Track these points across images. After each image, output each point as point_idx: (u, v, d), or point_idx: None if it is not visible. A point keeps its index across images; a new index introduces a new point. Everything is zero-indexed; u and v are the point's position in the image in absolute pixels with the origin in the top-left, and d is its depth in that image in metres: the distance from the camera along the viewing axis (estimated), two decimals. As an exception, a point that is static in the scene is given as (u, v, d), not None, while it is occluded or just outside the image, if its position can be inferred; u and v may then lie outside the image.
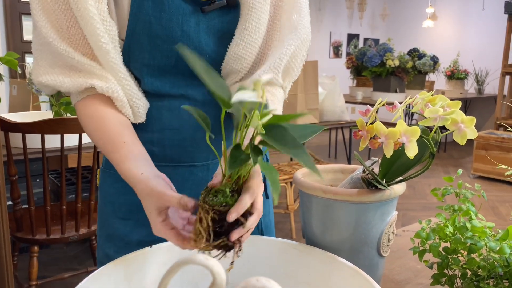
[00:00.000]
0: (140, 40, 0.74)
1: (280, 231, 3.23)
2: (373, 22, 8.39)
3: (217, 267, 0.37)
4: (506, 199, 4.10)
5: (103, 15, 0.71)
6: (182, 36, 0.75)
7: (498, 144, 4.59)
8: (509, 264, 0.62)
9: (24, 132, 1.75)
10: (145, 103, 0.78)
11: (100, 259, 0.88)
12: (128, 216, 0.84)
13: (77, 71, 0.74)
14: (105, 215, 0.87)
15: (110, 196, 0.86)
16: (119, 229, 0.85)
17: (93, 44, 0.72)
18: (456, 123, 0.65)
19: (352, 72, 5.46)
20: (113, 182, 0.85)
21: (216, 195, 0.57)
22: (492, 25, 6.96)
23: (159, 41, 0.74)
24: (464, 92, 5.97)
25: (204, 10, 0.76)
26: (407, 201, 4.02)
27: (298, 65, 0.85)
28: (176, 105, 0.80)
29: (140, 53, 0.75)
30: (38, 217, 2.02)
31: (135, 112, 0.77)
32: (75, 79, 0.74)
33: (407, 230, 1.09)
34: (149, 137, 0.81)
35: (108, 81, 0.73)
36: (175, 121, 0.80)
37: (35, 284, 1.91)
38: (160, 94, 0.79)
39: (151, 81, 0.78)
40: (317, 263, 0.70)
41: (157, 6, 0.73)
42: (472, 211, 0.69)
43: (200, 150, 0.83)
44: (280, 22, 0.83)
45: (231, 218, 0.56)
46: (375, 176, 0.71)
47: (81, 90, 0.75)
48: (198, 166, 0.84)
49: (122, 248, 0.83)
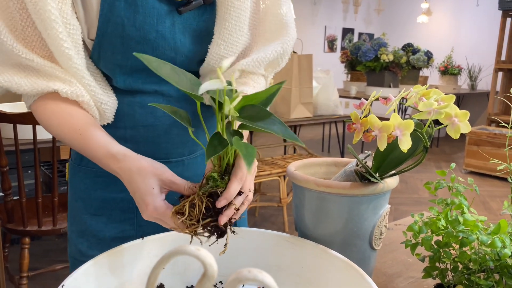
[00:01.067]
0: (112, 41, 0.70)
1: (273, 224, 3.23)
2: (368, 16, 8.39)
3: (208, 258, 0.37)
4: (497, 194, 4.14)
5: (66, 17, 0.66)
6: (157, 37, 0.72)
7: (490, 140, 4.62)
8: (500, 258, 0.62)
9: (15, 123, 1.73)
10: (112, 105, 0.75)
11: (72, 255, 0.86)
12: (100, 212, 0.82)
13: (34, 72, 0.70)
14: (76, 210, 0.84)
15: (81, 191, 0.83)
16: (92, 225, 0.82)
17: (54, 48, 0.67)
18: (449, 117, 0.65)
19: (346, 67, 5.47)
20: (83, 177, 0.82)
21: (208, 182, 0.60)
22: (486, 21, 6.98)
23: (133, 42, 0.71)
24: (457, 87, 6.00)
25: (180, 11, 0.73)
26: (399, 195, 4.04)
27: (285, 61, 0.86)
28: (149, 101, 0.77)
29: (113, 54, 0.72)
30: (29, 209, 2.01)
31: (101, 114, 0.74)
32: (34, 81, 0.69)
33: (399, 224, 1.10)
34: (122, 133, 0.78)
35: (72, 84, 0.69)
36: (149, 118, 0.78)
37: (26, 276, 1.90)
38: (133, 90, 0.77)
39: (123, 78, 0.75)
40: (309, 256, 0.70)
41: (129, 7, 0.69)
42: (464, 205, 0.69)
43: (175, 146, 0.81)
44: (265, 16, 0.81)
45: (221, 205, 0.58)
46: (368, 170, 0.71)
47: (40, 93, 0.70)
48: (173, 162, 0.81)
49: (95, 244, 0.82)
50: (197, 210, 0.57)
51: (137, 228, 0.82)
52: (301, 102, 3.17)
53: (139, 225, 0.82)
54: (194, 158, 0.85)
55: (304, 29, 7.46)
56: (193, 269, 0.73)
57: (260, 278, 0.34)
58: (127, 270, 0.66)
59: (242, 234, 0.74)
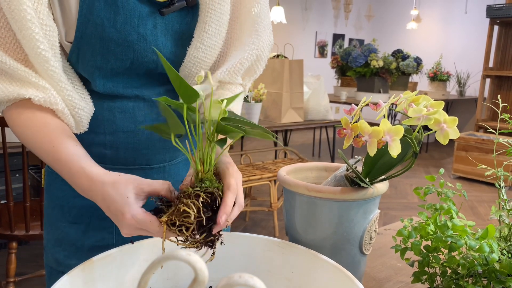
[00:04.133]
0: (92, 43, 0.68)
1: (263, 229, 3.23)
2: (358, 22, 8.45)
3: (199, 264, 0.37)
4: (484, 199, 4.18)
5: (42, 18, 0.63)
6: (138, 39, 0.70)
7: (478, 146, 4.67)
8: (488, 263, 0.63)
9: (3, 126, 1.71)
10: (89, 111, 0.72)
11: (49, 264, 0.83)
12: (79, 220, 0.79)
13: (7, 77, 0.66)
14: (53, 218, 0.81)
15: (59, 199, 0.80)
16: (70, 233, 0.80)
17: (30, 50, 0.64)
18: (439, 123, 0.65)
19: (336, 72, 5.50)
20: (61, 184, 0.79)
21: (204, 182, 0.59)
22: (474, 29, 7.08)
23: (113, 44, 0.68)
24: (446, 93, 6.07)
25: (163, 12, 0.70)
26: (388, 200, 4.06)
27: (261, 67, 0.84)
28: (130, 107, 0.75)
29: (92, 56, 0.69)
30: (17, 213, 1.98)
31: (77, 122, 0.71)
32: (6, 86, 0.66)
33: (389, 229, 1.10)
34: (101, 139, 0.75)
35: (46, 91, 0.66)
36: (129, 124, 0.75)
37: (13, 281, 1.87)
38: (113, 95, 0.74)
39: (102, 82, 0.72)
40: (299, 261, 0.70)
41: (109, 8, 0.67)
42: (453, 210, 0.70)
43: (156, 152, 0.79)
44: (239, 19, 0.80)
45: (222, 220, 0.57)
46: (358, 175, 0.71)
47: (12, 100, 0.67)
48: (154, 169, 0.80)
49: (73, 253, 0.80)
50: (194, 210, 0.55)
51: (116, 237, 0.80)
52: (292, 107, 3.19)
53: (118, 233, 0.80)
54: (176, 164, 0.84)
55: (295, 34, 7.50)
56: (183, 274, 0.72)
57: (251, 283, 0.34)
58: (115, 277, 0.66)
59: (232, 239, 0.74)
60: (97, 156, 0.74)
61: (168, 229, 0.57)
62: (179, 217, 0.56)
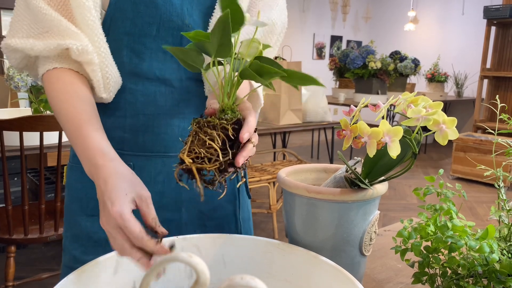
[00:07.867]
0: (124, 6, 0.74)
1: (262, 231, 3.23)
2: (356, 24, 8.47)
3: (201, 265, 0.37)
4: (483, 200, 4.18)
5: None
6: (165, 1, 0.75)
7: (476, 146, 4.68)
8: (488, 263, 0.63)
9: (2, 129, 1.71)
10: (116, 78, 0.76)
11: (65, 263, 0.84)
12: (96, 212, 0.79)
13: (48, 34, 0.72)
14: (72, 213, 0.83)
15: (78, 191, 0.82)
16: (87, 227, 0.81)
17: (74, 1, 0.70)
18: (438, 124, 0.65)
19: (335, 74, 5.51)
20: (80, 176, 0.81)
21: (226, 113, 0.60)
22: (472, 30, 7.10)
23: (142, 6, 0.74)
24: (444, 94, 6.08)
25: None
26: (387, 201, 4.07)
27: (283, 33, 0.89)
28: (151, 91, 0.78)
29: (122, 21, 0.75)
30: (15, 217, 1.98)
31: (105, 84, 0.74)
32: (48, 41, 0.71)
33: (389, 230, 1.10)
34: (121, 122, 0.79)
35: (83, 41, 0.70)
36: (150, 107, 0.79)
37: (12, 285, 1.87)
38: (136, 73, 0.78)
39: (129, 55, 0.77)
40: (299, 262, 0.70)
41: None
42: (453, 211, 0.70)
43: (174, 139, 0.81)
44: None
45: (245, 138, 0.58)
46: (357, 176, 0.71)
47: (53, 54, 0.72)
48: (171, 157, 0.81)
49: (90, 248, 0.81)
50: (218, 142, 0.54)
51: None
52: (290, 108, 3.19)
53: None
54: None
55: (293, 36, 7.50)
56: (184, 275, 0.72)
57: (253, 284, 0.34)
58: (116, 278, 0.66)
59: (232, 241, 0.74)
60: (117, 142, 0.77)
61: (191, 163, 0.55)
62: (203, 148, 0.55)
